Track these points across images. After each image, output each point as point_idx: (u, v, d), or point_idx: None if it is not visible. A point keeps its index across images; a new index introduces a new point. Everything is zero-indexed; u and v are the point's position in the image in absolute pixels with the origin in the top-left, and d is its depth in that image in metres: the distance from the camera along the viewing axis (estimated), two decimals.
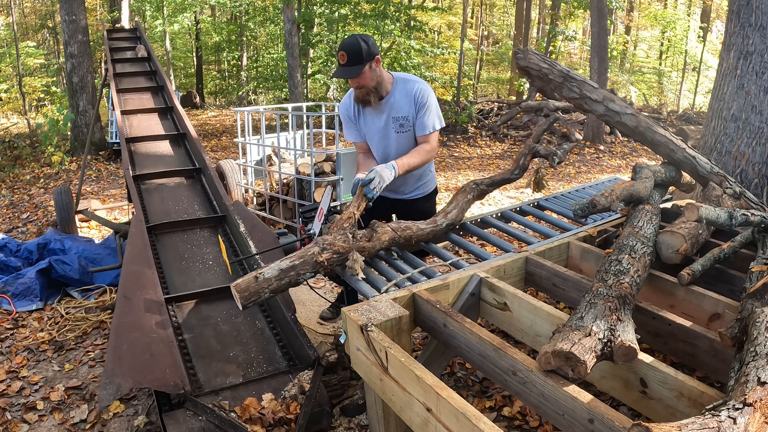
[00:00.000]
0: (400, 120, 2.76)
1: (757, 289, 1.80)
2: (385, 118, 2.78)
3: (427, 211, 3.05)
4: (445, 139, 11.63)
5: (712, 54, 17.58)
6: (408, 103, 2.74)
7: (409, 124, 2.78)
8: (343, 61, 2.57)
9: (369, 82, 2.64)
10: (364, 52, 2.55)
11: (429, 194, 3.10)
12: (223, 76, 22.73)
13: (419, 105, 2.73)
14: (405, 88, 2.74)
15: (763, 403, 1.25)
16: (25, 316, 3.75)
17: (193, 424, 2.08)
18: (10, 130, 13.18)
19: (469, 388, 2.80)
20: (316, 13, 12.85)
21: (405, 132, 2.79)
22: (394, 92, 2.74)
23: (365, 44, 2.56)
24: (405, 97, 2.74)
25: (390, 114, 2.76)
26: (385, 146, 2.85)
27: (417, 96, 2.73)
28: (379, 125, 2.81)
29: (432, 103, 2.76)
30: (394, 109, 2.76)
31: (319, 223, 2.69)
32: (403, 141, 2.82)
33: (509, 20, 24.75)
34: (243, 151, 6.12)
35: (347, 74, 2.59)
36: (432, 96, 2.78)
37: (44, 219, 6.24)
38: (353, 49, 2.54)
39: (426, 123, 2.75)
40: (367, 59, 2.58)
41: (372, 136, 2.88)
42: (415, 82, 2.77)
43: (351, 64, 2.56)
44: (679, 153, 2.84)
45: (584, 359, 1.46)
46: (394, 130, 2.79)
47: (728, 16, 3.65)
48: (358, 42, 2.56)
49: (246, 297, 2.07)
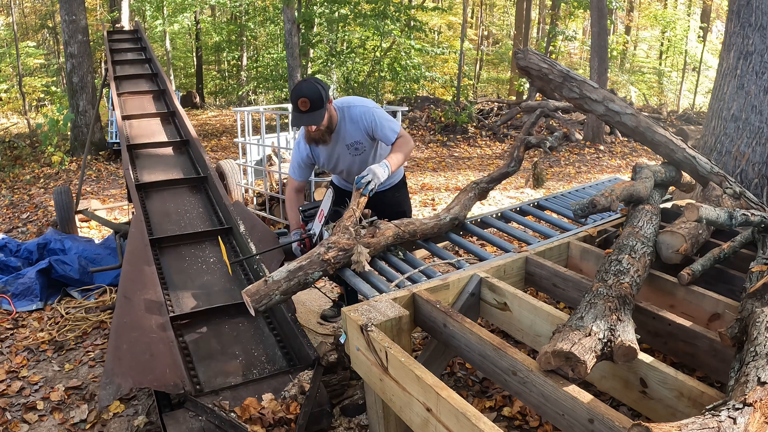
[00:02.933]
0: (354, 145, 2.86)
1: (757, 289, 1.80)
2: (339, 148, 2.86)
3: (397, 201, 3.11)
4: (445, 139, 11.63)
5: (712, 54, 17.57)
6: (356, 128, 2.81)
7: (363, 146, 2.86)
8: (305, 108, 2.55)
9: (325, 123, 2.69)
10: (323, 96, 2.58)
11: (396, 185, 3.14)
12: (223, 76, 22.72)
13: (370, 126, 2.81)
14: (350, 116, 2.80)
15: (763, 403, 1.25)
16: (25, 316, 3.75)
17: (193, 424, 2.08)
18: (10, 130, 13.18)
19: (469, 388, 2.80)
20: (316, 13, 12.84)
21: (361, 154, 2.88)
22: (342, 123, 2.80)
23: (322, 88, 2.59)
24: (352, 124, 2.81)
25: (342, 143, 2.84)
26: (346, 169, 2.95)
27: (363, 120, 2.79)
28: (335, 155, 2.90)
29: (379, 116, 2.81)
30: (346, 138, 2.83)
31: (320, 224, 2.69)
32: (360, 160, 2.91)
33: (509, 20, 24.75)
34: (243, 151, 6.13)
35: (311, 121, 2.60)
36: (376, 110, 2.84)
37: (44, 219, 6.24)
38: (315, 96, 2.54)
39: (387, 134, 2.82)
40: (326, 102, 2.61)
41: (333, 164, 2.95)
42: (355, 106, 2.83)
43: (313, 110, 2.57)
44: (679, 153, 2.84)
45: (584, 359, 1.46)
46: (351, 155, 2.89)
47: (728, 16, 3.65)
48: (317, 87, 2.57)
49: (257, 300, 2.08)
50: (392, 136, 2.83)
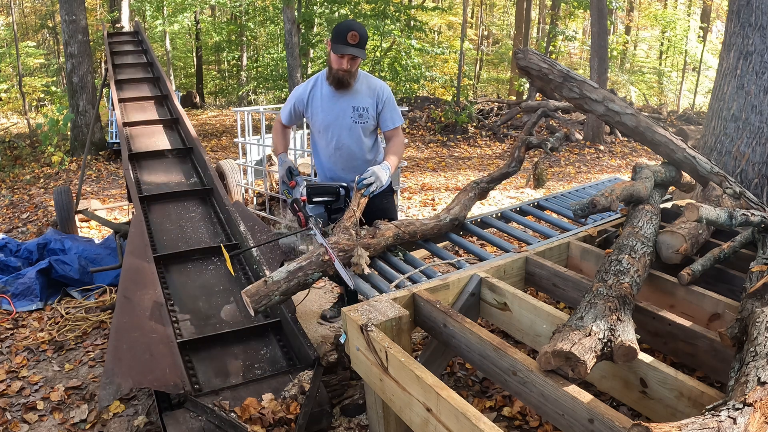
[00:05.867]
0: (359, 110, 2.84)
1: (757, 289, 1.80)
2: (346, 106, 2.83)
3: (385, 208, 3.00)
4: (445, 139, 11.63)
5: (712, 54, 17.57)
6: (370, 96, 2.85)
7: (367, 116, 2.86)
8: (354, 42, 2.63)
9: (357, 64, 2.75)
10: (367, 37, 2.68)
11: (384, 192, 3.01)
12: (223, 76, 22.73)
13: (382, 100, 2.87)
14: (368, 83, 2.88)
15: (763, 403, 1.25)
16: (25, 316, 3.75)
17: (193, 424, 2.08)
18: (10, 130, 13.18)
19: (469, 388, 2.80)
20: (316, 13, 12.84)
21: (362, 123, 2.86)
22: (359, 84, 2.84)
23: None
24: (368, 89, 2.86)
25: (351, 103, 2.83)
26: (339, 135, 2.87)
27: (380, 92, 2.86)
28: (336, 112, 2.84)
29: (392, 99, 2.91)
30: (356, 99, 2.83)
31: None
32: (357, 132, 2.87)
33: (509, 20, 24.74)
34: (243, 151, 6.12)
35: (357, 53, 2.66)
36: (391, 93, 2.93)
37: (44, 219, 6.24)
38: (363, 33, 2.64)
39: (393, 117, 2.90)
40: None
41: (324, 123, 2.86)
42: (377, 80, 2.92)
43: (361, 46, 2.66)
44: (679, 153, 2.84)
45: (584, 359, 1.46)
46: (352, 119, 2.84)
47: (728, 16, 3.65)
48: (364, 27, 2.68)
49: (257, 301, 2.08)
50: (392, 124, 2.89)
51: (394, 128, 2.90)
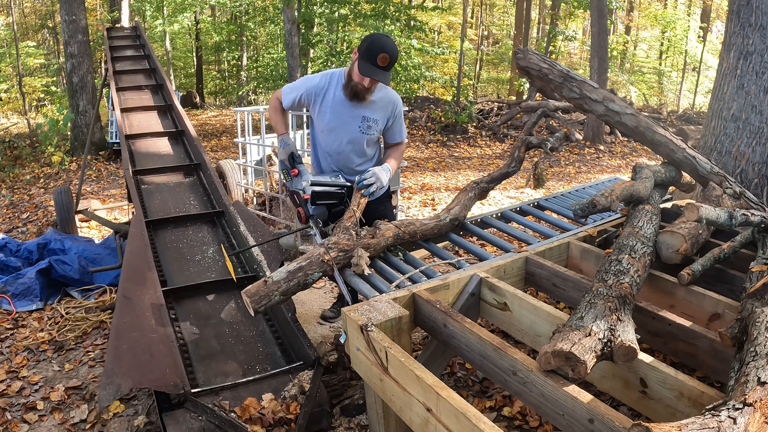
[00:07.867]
0: (369, 121, 2.77)
1: (757, 289, 1.80)
2: (357, 114, 2.74)
3: (382, 214, 2.93)
4: (445, 139, 11.63)
5: (712, 54, 17.56)
6: (383, 108, 2.78)
7: (376, 127, 2.80)
8: (383, 64, 2.47)
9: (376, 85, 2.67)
10: (397, 59, 2.54)
11: (381, 197, 2.97)
12: (223, 76, 22.73)
13: (394, 115, 2.84)
14: (386, 95, 2.79)
15: (763, 403, 1.25)
16: (25, 316, 3.75)
17: (193, 424, 2.08)
18: (10, 130, 13.18)
19: (469, 388, 2.80)
20: (316, 13, 12.84)
21: (368, 135, 2.80)
22: (376, 95, 2.74)
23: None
24: (383, 101, 2.78)
25: (363, 113, 2.74)
26: (341, 141, 2.79)
27: (393, 106, 2.82)
28: (345, 118, 2.75)
29: (402, 114, 2.90)
30: (369, 110, 2.75)
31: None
32: (361, 141, 2.80)
33: (509, 20, 24.74)
34: (243, 151, 6.12)
35: (385, 79, 2.53)
36: (402, 108, 2.91)
37: (44, 219, 6.24)
38: (394, 56, 2.47)
39: (401, 131, 2.91)
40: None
41: (330, 126, 2.78)
42: (392, 91, 2.86)
43: (389, 69, 2.52)
44: (679, 153, 2.84)
45: (584, 359, 1.46)
46: (360, 129, 2.76)
47: (728, 16, 3.65)
48: (397, 49, 2.51)
49: (257, 301, 2.08)
50: (399, 138, 2.93)
51: (398, 142, 2.93)
